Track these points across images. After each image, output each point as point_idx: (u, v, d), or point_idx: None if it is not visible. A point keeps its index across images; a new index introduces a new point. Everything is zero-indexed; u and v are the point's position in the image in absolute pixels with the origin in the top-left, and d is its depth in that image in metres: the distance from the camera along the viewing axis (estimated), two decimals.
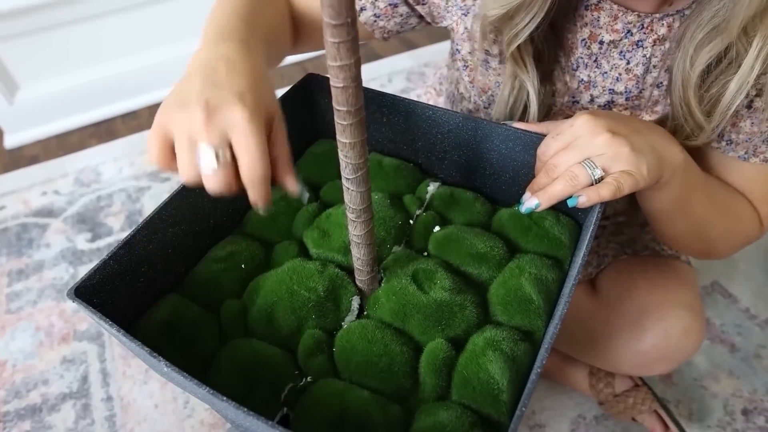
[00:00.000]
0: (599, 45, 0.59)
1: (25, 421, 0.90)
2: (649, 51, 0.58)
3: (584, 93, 0.63)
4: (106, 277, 0.46)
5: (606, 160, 0.46)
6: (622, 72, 0.60)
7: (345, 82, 0.36)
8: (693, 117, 0.55)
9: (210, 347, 0.49)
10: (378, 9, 0.64)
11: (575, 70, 0.61)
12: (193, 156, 0.40)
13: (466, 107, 0.72)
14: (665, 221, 0.58)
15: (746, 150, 0.58)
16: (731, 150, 0.59)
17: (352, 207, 0.44)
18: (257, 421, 0.36)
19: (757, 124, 0.56)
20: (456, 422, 0.41)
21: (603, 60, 0.60)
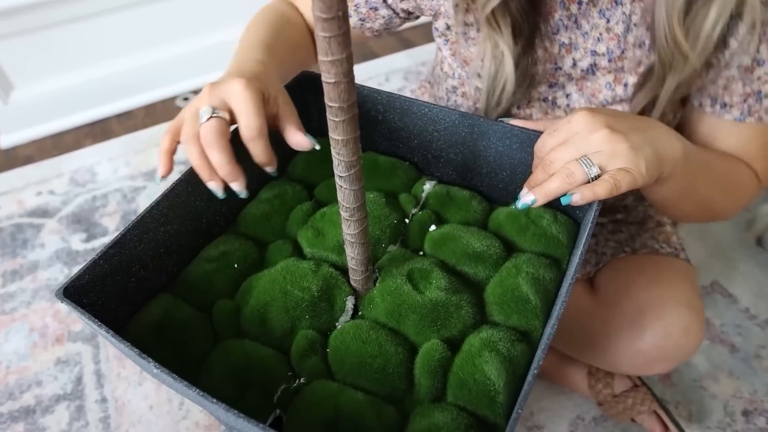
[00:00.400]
0: (578, 5, 0.59)
1: (18, 423, 0.89)
2: (629, 8, 0.58)
3: (566, 57, 0.63)
4: (96, 277, 0.46)
5: (603, 157, 0.45)
6: (603, 32, 0.60)
7: (337, 78, 0.35)
8: (679, 48, 0.54)
9: (202, 348, 0.48)
10: (361, 13, 0.69)
11: (555, 34, 0.61)
12: (195, 121, 0.47)
13: (450, 84, 0.73)
14: (670, 207, 0.60)
15: (741, 111, 0.59)
16: (726, 112, 0.59)
17: (345, 205, 0.43)
18: (248, 424, 0.35)
19: (749, 84, 0.57)
20: (451, 424, 0.40)
21: (583, 20, 0.60)
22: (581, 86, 0.64)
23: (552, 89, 0.66)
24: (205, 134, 0.46)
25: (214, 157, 0.46)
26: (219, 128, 0.46)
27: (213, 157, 0.46)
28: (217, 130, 0.46)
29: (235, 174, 0.46)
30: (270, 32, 0.62)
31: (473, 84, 0.68)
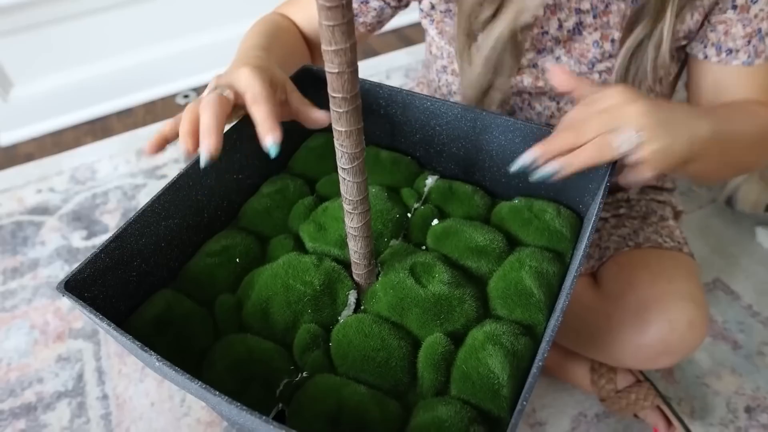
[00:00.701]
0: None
1: (20, 420, 0.89)
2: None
3: (551, 19, 0.63)
4: (97, 271, 0.45)
5: (639, 132, 0.45)
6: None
7: (340, 68, 0.35)
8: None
9: (204, 343, 0.48)
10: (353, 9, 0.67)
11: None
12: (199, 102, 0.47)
13: (440, 64, 0.74)
14: (703, 179, 0.63)
15: (748, 54, 0.58)
16: (734, 58, 0.59)
17: (348, 198, 0.43)
18: (252, 417, 0.35)
19: (749, 24, 0.57)
20: (455, 417, 0.40)
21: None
22: (569, 48, 0.65)
23: (540, 55, 0.66)
24: (204, 101, 0.46)
25: (203, 119, 0.45)
26: (219, 98, 0.46)
27: (203, 119, 0.45)
28: (217, 98, 0.46)
29: (213, 139, 0.44)
30: (266, 38, 0.63)
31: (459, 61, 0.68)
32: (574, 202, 0.57)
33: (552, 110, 0.70)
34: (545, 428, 0.85)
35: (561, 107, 0.69)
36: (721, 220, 1.11)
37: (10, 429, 0.88)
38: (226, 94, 0.47)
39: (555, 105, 0.70)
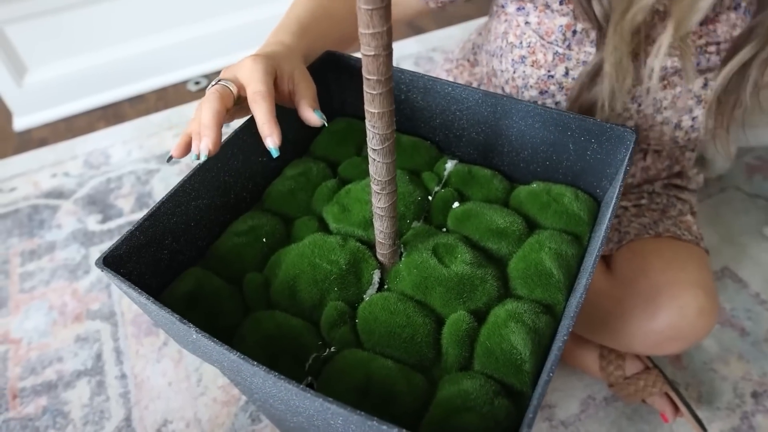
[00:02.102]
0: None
1: (41, 397, 0.91)
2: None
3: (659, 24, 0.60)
4: (132, 248, 0.47)
5: None
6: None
7: (376, 51, 0.36)
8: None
9: (233, 319, 0.50)
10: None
11: None
12: None
13: (518, 54, 0.70)
14: None
15: None
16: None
17: (377, 179, 0.44)
18: (288, 386, 0.36)
19: None
20: (480, 390, 0.42)
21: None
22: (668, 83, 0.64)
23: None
24: (205, 97, 0.47)
25: (202, 116, 0.46)
26: (220, 92, 0.47)
27: (201, 116, 0.46)
28: (217, 93, 0.47)
29: (208, 137, 0.45)
30: (309, 8, 0.62)
31: (553, 49, 0.66)
32: (591, 186, 0.59)
33: (631, 112, 0.68)
34: (554, 411, 0.87)
35: (641, 109, 0.67)
36: (731, 209, 1.12)
37: (33, 405, 0.90)
38: (225, 84, 0.48)
39: (636, 107, 0.67)
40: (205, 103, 0.46)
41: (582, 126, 0.54)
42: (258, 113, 0.46)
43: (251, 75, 0.48)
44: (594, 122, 0.53)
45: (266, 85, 0.47)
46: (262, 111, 0.46)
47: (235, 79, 0.49)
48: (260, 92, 0.47)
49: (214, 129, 0.45)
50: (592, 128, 0.54)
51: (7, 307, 1.04)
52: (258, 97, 0.47)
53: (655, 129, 0.68)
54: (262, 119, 0.46)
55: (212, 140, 0.45)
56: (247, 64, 0.49)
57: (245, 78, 0.48)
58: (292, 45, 0.57)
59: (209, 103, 0.46)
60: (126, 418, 0.88)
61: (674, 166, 0.80)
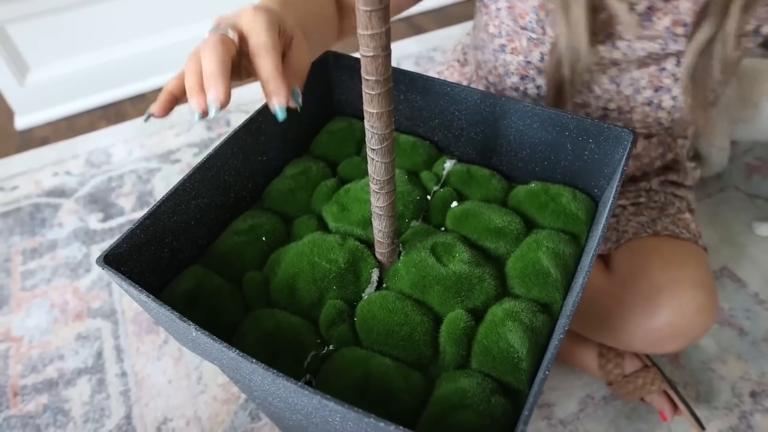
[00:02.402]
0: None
1: (42, 395, 0.91)
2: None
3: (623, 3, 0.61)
4: (132, 246, 0.47)
5: None
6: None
7: (375, 51, 0.36)
8: None
9: (233, 317, 0.50)
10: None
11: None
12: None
13: (498, 43, 0.71)
14: None
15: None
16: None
17: (376, 178, 0.44)
18: (286, 383, 0.37)
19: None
20: (477, 388, 0.42)
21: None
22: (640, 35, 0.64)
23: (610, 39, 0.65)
24: (204, 44, 0.40)
25: (204, 62, 0.39)
26: (222, 39, 0.40)
27: (204, 62, 0.39)
28: (219, 39, 0.40)
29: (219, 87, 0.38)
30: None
31: (527, 35, 0.67)
32: (589, 186, 0.59)
33: (611, 93, 0.69)
34: (553, 410, 0.87)
35: (621, 90, 0.68)
36: (730, 208, 1.12)
37: (34, 403, 0.90)
38: (230, 35, 0.41)
39: (615, 87, 0.68)
40: (206, 51, 0.39)
41: (580, 126, 0.54)
42: (262, 68, 0.40)
43: (253, 25, 0.41)
44: (591, 122, 0.53)
45: (271, 38, 0.41)
46: (268, 65, 0.40)
47: (235, 28, 0.42)
48: (264, 44, 0.40)
49: (221, 78, 0.38)
50: (589, 128, 0.54)
51: (8, 305, 1.04)
52: (262, 50, 0.40)
53: (637, 110, 0.69)
54: (267, 74, 0.40)
55: (222, 90, 0.38)
56: (248, 12, 0.42)
57: (247, 27, 0.41)
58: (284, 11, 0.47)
59: (211, 51, 0.39)
60: (126, 415, 0.88)
61: (667, 154, 0.80)
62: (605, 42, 0.65)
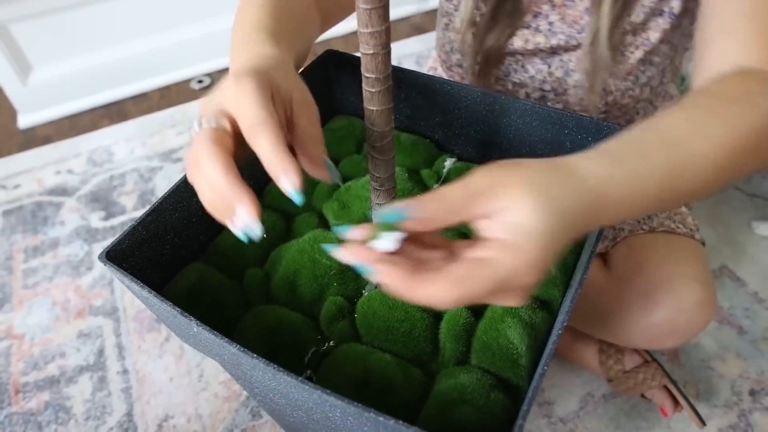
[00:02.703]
0: None
1: (44, 392, 0.92)
2: None
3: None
4: (134, 243, 0.48)
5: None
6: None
7: (375, 49, 0.37)
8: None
9: (234, 313, 0.50)
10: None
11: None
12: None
13: (443, 22, 0.75)
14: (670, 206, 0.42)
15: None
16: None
17: (376, 175, 0.45)
18: (287, 378, 0.37)
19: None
20: (476, 384, 0.42)
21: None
22: (563, 14, 0.66)
23: (536, 19, 0.67)
24: (195, 150, 0.34)
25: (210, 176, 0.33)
26: (210, 136, 0.34)
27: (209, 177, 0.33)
28: (208, 137, 0.33)
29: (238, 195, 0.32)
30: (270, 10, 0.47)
31: (460, 16, 0.69)
32: None
33: (544, 74, 0.70)
34: (553, 408, 0.87)
35: (552, 71, 0.70)
36: (729, 207, 1.13)
37: (35, 400, 0.91)
38: (221, 125, 0.35)
39: (546, 68, 0.70)
40: (203, 160, 0.33)
41: (579, 124, 0.55)
42: (261, 149, 0.33)
43: (241, 101, 0.34)
44: (590, 120, 0.54)
45: (264, 110, 0.34)
46: (267, 144, 0.33)
47: (222, 113, 0.35)
48: (259, 121, 0.33)
49: (238, 191, 0.32)
50: (588, 126, 0.54)
51: (10, 302, 1.05)
52: (257, 129, 0.33)
53: (570, 93, 0.70)
54: (267, 154, 0.33)
55: (248, 203, 0.32)
56: (231, 89, 0.35)
57: (234, 107, 0.35)
58: (276, 54, 0.42)
59: (208, 159, 0.33)
60: (128, 413, 0.89)
61: None
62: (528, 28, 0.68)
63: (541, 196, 0.32)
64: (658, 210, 0.40)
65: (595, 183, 0.34)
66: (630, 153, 0.37)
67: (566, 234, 0.33)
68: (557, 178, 0.34)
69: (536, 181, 0.33)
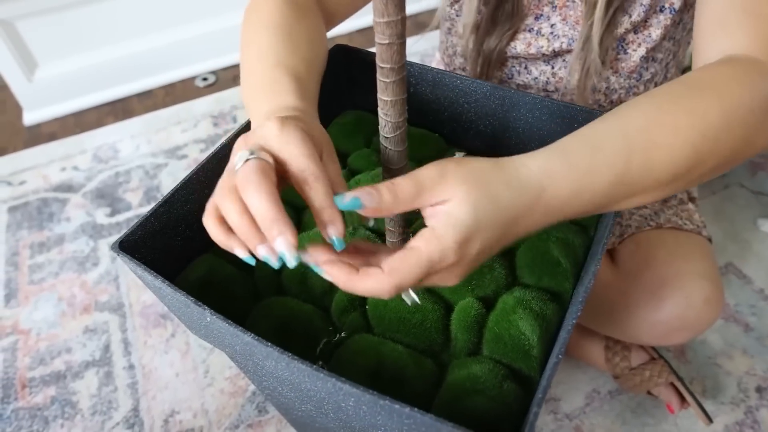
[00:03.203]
0: None
1: (50, 387, 0.92)
2: None
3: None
4: (147, 234, 0.48)
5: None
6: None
7: (391, 39, 0.37)
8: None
9: (245, 304, 0.50)
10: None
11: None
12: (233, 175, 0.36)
13: (446, 26, 0.76)
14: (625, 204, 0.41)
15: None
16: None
17: (388, 167, 0.45)
18: (301, 366, 0.37)
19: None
20: (489, 374, 0.43)
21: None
22: (564, 15, 0.66)
23: (537, 21, 0.68)
24: (242, 176, 0.35)
25: (253, 202, 0.34)
26: (259, 167, 0.35)
27: (253, 203, 0.34)
28: (258, 169, 0.35)
29: (282, 225, 0.34)
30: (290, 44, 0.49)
31: (462, 21, 0.70)
32: None
33: (547, 75, 0.71)
34: (559, 404, 0.87)
35: (555, 72, 0.71)
36: (734, 205, 1.13)
37: (42, 395, 0.91)
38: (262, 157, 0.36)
39: (550, 69, 0.71)
40: (250, 187, 0.34)
41: (589, 118, 0.55)
42: (315, 198, 0.36)
43: (288, 147, 0.36)
44: (599, 113, 0.54)
45: (315, 162, 0.36)
46: (321, 195, 0.36)
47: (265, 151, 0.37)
48: (311, 172, 0.36)
49: (283, 222, 0.34)
50: None
51: (16, 298, 1.05)
52: (310, 179, 0.36)
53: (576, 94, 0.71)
54: (320, 204, 0.36)
55: (291, 234, 0.34)
56: (273, 130, 0.37)
57: (279, 149, 0.36)
58: (305, 108, 0.44)
59: (257, 187, 0.34)
60: (134, 408, 0.89)
61: None
62: (530, 31, 0.68)
63: (475, 191, 0.35)
64: (620, 199, 0.39)
65: (541, 180, 0.37)
66: (581, 148, 0.38)
67: (506, 228, 0.36)
68: (499, 176, 0.36)
69: (476, 177, 0.36)
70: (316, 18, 0.55)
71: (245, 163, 0.35)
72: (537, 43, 0.69)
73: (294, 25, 0.51)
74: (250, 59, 0.49)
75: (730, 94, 0.40)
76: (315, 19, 0.55)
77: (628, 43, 0.65)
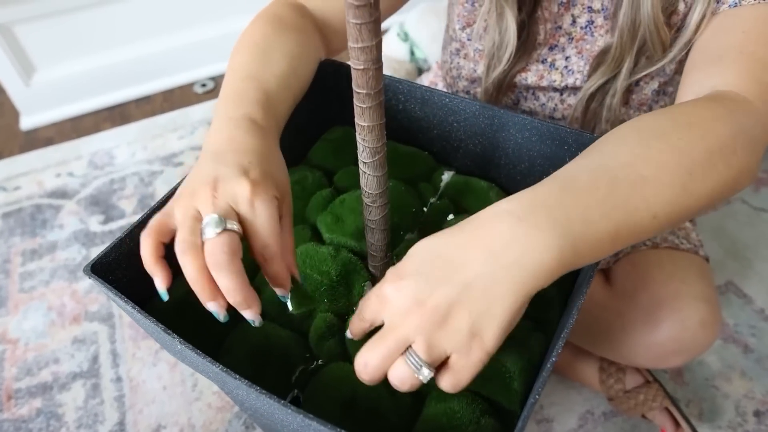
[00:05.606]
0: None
1: (36, 399, 0.91)
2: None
3: (565, 15, 0.64)
4: (121, 255, 0.47)
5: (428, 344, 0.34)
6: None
7: (366, 64, 0.36)
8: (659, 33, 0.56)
9: (222, 329, 0.49)
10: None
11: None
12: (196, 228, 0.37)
13: (454, 47, 0.75)
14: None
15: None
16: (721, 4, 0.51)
17: (368, 191, 0.44)
18: (269, 401, 0.36)
19: None
20: (467, 409, 0.41)
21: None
22: (580, 48, 0.65)
23: (552, 51, 0.67)
24: (214, 253, 0.36)
25: (224, 282, 0.36)
26: (232, 247, 0.37)
27: (223, 282, 0.36)
28: (230, 249, 0.36)
29: (250, 301, 0.37)
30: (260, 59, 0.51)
31: (473, 46, 0.70)
32: None
33: (555, 101, 0.71)
34: (552, 425, 0.86)
35: (564, 98, 0.70)
36: (736, 222, 1.11)
37: (27, 407, 0.90)
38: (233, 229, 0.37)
39: (558, 96, 0.70)
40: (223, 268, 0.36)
41: (578, 140, 0.53)
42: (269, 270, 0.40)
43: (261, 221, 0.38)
44: (590, 137, 0.52)
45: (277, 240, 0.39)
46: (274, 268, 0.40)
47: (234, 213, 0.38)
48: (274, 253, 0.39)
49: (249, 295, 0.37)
50: (588, 143, 0.53)
51: (6, 306, 1.04)
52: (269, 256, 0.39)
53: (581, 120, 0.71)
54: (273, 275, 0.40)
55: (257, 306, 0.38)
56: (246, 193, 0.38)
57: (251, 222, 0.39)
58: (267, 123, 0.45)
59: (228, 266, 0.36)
60: (120, 422, 0.88)
61: None
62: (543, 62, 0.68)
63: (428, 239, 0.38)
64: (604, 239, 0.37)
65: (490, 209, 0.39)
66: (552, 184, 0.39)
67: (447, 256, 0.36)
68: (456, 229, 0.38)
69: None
70: (301, 35, 0.55)
71: (217, 236, 0.36)
72: (550, 77, 0.68)
73: (272, 43, 0.52)
74: (225, 76, 0.50)
75: (716, 134, 0.39)
76: (300, 37, 0.55)
77: (641, 77, 0.64)
